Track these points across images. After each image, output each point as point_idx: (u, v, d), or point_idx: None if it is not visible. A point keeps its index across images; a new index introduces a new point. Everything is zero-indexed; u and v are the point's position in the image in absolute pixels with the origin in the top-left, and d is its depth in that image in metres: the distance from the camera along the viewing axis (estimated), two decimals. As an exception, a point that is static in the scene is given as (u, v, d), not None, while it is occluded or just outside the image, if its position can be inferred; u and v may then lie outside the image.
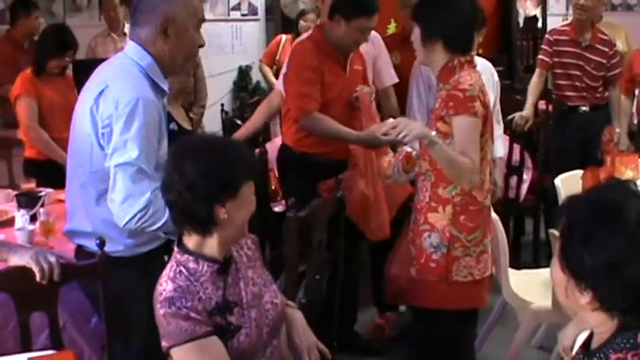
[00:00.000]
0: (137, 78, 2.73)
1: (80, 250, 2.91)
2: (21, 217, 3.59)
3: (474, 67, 3.25)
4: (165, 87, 2.82)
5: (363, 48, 4.42)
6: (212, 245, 2.35)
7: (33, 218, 3.62)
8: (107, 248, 2.73)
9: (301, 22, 6.62)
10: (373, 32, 4.52)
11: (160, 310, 2.27)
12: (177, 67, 2.89)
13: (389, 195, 4.10)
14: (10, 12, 6.55)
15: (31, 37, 6.13)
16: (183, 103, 3.60)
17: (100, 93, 2.68)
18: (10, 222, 3.73)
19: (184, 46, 2.81)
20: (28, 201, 3.75)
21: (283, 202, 4.67)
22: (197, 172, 2.26)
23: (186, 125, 3.52)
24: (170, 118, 3.39)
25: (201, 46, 2.90)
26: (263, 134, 5.74)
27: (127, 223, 2.67)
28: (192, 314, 2.25)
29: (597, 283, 1.69)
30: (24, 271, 2.62)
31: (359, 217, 3.96)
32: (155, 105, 2.72)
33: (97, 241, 2.69)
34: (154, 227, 2.68)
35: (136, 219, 2.65)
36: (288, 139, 4.29)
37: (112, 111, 2.64)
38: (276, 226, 3.95)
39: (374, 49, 4.58)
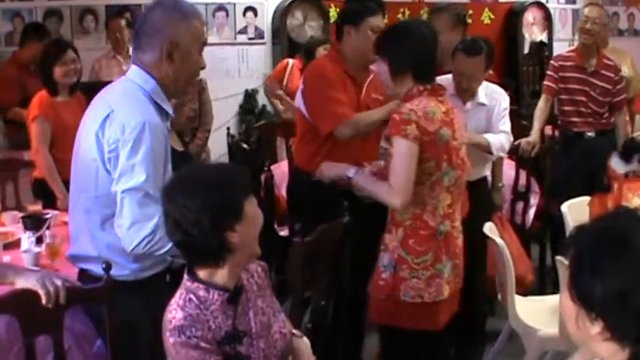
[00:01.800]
0: (142, 102, 2.73)
1: (84, 274, 2.89)
2: (27, 240, 3.60)
3: (437, 95, 3.32)
4: (170, 110, 2.82)
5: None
6: (223, 274, 2.33)
7: (39, 240, 3.62)
8: (112, 272, 2.72)
9: (320, 50, 6.52)
10: None
11: (169, 339, 2.26)
12: (180, 90, 2.90)
13: None
14: (21, 35, 6.59)
15: (37, 60, 6.17)
16: (187, 127, 3.60)
17: (106, 118, 2.67)
18: (16, 244, 3.73)
19: (188, 69, 2.82)
20: (34, 223, 3.76)
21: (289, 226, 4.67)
22: (199, 206, 2.24)
23: (178, 147, 3.49)
24: None
25: (203, 68, 2.90)
26: (269, 158, 5.75)
27: (134, 248, 2.66)
28: (202, 344, 2.24)
29: (608, 313, 1.68)
30: (29, 294, 2.61)
31: None
32: (161, 128, 2.72)
33: (103, 266, 2.69)
34: (162, 251, 2.67)
35: (144, 244, 2.65)
36: (301, 161, 4.20)
37: (119, 135, 2.63)
38: (282, 250, 3.94)
39: None
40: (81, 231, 2.85)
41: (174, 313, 2.28)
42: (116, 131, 2.64)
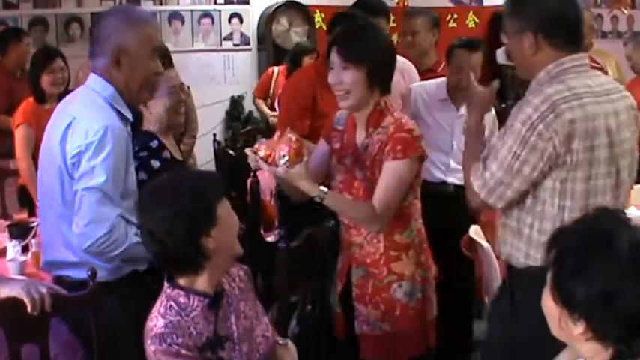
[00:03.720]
0: (103, 108, 2.79)
1: (61, 280, 2.90)
2: (13, 248, 3.60)
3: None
4: (129, 115, 2.87)
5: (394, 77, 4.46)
6: (203, 280, 2.33)
7: (25, 249, 3.62)
8: (79, 276, 2.77)
9: (306, 59, 6.57)
10: (407, 63, 4.59)
11: (150, 347, 2.25)
12: (133, 95, 2.92)
13: None
14: (0, 41, 6.57)
15: (23, 65, 6.14)
16: (175, 134, 3.61)
17: (68, 126, 2.74)
18: (2, 252, 3.72)
19: (138, 75, 2.86)
20: (19, 232, 3.75)
21: (276, 231, 4.67)
22: (172, 215, 2.24)
23: (178, 156, 3.52)
24: (162, 147, 3.40)
25: (158, 73, 2.96)
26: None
27: (89, 246, 2.70)
28: (183, 351, 2.24)
29: (590, 313, 1.69)
30: (14, 303, 2.61)
31: None
32: (123, 133, 2.78)
33: (89, 272, 2.70)
34: (115, 253, 2.72)
35: (99, 243, 2.69)
36: None
37: (82, 141, 2.70)
38: (269, 255, 3.94)
39: (404, 80, 4.60)
40: (55, 238, 2.88)
41: (155, 320, 2.28)
42: (79, 137, 2.71)
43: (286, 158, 2.82)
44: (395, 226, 3.03)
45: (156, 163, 3.33)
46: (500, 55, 2.95)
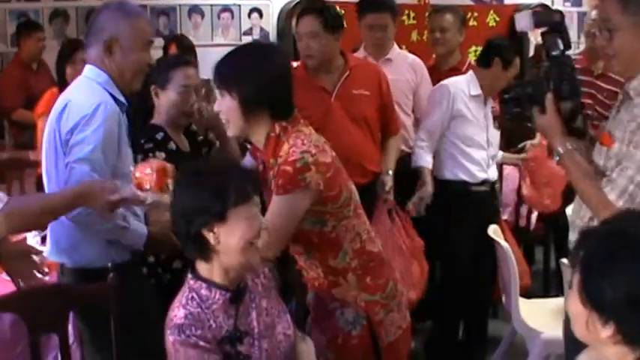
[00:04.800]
0: (97, 89, 2.89)
1: (63, 268, 3.00)
2: (32, 239, 3.62)
3: (297, 124, 2.73)
4: (122, 99, 2.93)
5: (405, 75, 4.45)
6: (219, 273, 2.33)
7: (44, 239, 3.62)
8: (85, 262, 2.89)
9: None
10: (416, 60, 4.59)
11: (169, 337, 2.26)
12: (127, 83, 2.98)
13: None
14: (16, 36, 6.62)
15: (38, 58, 6.18)
16: (199, 127, 3.59)
17: (63, 109, 2.84)
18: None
19: (129, 64, 2.94)
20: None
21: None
22: (186, 202, 2.29)
23: (184, 149, 3.51)
24: (168, 139, 3.42)
25: (150, 64, 3.06)
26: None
27: (75, 215, 2.74)
28: (201, 343, 2.24)
29: (620, 317, 1.68)
30: (35, 293, 2.63)
31: None
32: (116, 110, 2.86)
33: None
34: (99, 227, 2.80)
35: (85, 213, 2.72)
36: None
37: (76, 117, 2.79)
38: (284, 252, 3.92)
39: (415, 76, 4.61)
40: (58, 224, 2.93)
41: (176, 311, 2.29)
42: (74, 116, 2.80)
43: (149, 188, 2.66)
44: (324, 252, 2.79)
45: (161, 155, 3.33)
46: (524, 21, 2.68)
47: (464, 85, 4.38)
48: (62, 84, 5.00)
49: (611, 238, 1.74)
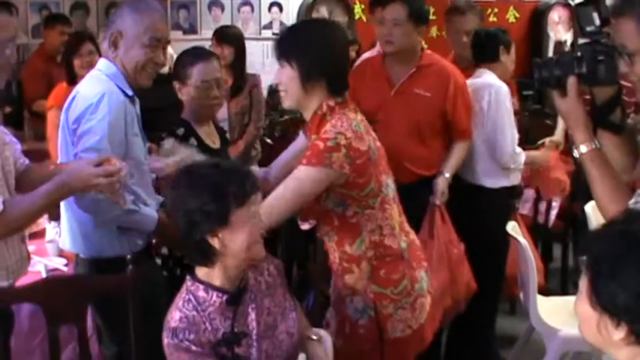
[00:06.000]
0: (103, 80, 2.91)
1: (78, 258, 3.03)
2: (52, 229, 3.63)
3: (345, 107, 2.80)
4: (129, 92, 2.94)
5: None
6: (219, 275, 2.31)
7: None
8: (89, 252, 2.95)
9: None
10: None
11: (165, 339, 2.26)
12: (131, 78, 2.97)
13: None
14: (43, 27, 6.67)
15: (62, 50, 6.21)
16: (235, 123, 3.59)
17: (72, 99, 2.89)
18: (40, 234, 3.77)
19: (128, 59, 2.93)
20: (58, 213, 3.78)
21: (311, 220, 4.66)
22: (186, 206, 2.24)
23: (210, 143, 3.51)
24: (190, 134, 3.43)
25: (158, 64, 2.99)
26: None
27: (84, 203, 2.77)
28: (194, 347, 2.22)
29: (632, 317, 1.67)
30: (54, 283, 2.64)
31: None
32: (122, 100, 2.87)
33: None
34: (104, 217, 2.82)
35: (95, 201, 2.74)
36: None
37: (82, 106, 2.82)
38: (304, 244, 3.94)
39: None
40: (70, 214, 2.98)
41: (173, 313, 2.28)
42: (80, 106, 2.83)
43: None
44: (343, 237, 2.83)
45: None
46: None
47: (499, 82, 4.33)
48: (70, 76, 5.03)
49: (619, 239, 1.72)
